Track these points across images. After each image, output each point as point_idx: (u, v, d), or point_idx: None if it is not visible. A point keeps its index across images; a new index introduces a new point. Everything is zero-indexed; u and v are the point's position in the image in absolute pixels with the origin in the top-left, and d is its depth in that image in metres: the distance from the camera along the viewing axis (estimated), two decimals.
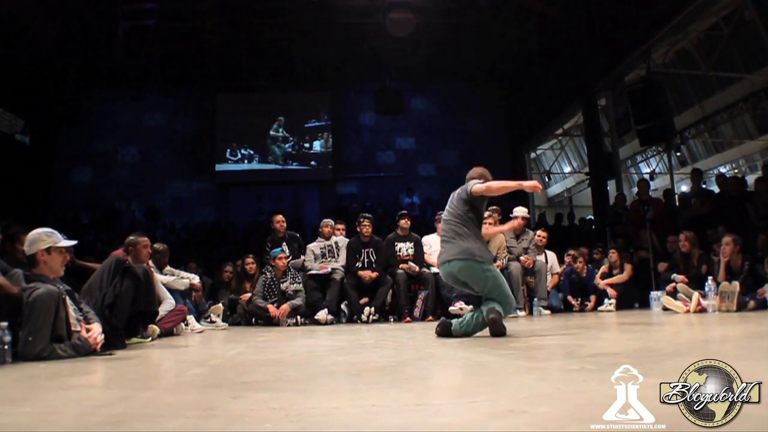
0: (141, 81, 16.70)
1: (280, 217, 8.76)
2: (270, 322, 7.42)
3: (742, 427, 1.46)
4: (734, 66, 14.89)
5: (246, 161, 18.13)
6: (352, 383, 2.58)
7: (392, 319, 7.65)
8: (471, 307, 7.35)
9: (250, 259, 8.54)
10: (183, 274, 7.28)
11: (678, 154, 19.44)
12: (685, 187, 18.34)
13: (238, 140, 18.10)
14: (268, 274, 7.71)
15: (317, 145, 18.26)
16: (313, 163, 18.24)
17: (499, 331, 4.28)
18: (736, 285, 6.61)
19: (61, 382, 2.83)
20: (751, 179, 11.42)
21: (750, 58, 14.53)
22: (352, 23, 14.78)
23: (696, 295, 6.65)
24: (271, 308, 7.41)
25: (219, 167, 18.00)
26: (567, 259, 9.10)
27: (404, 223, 8.16)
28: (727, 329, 4.66)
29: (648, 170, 21.13)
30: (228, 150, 18.07)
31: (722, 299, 6.61)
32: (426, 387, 2.56)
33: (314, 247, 8.40)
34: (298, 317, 7.46)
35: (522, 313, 7.60)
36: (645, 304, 8.08)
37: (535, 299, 7.95)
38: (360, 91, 18.26)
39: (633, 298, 8.67)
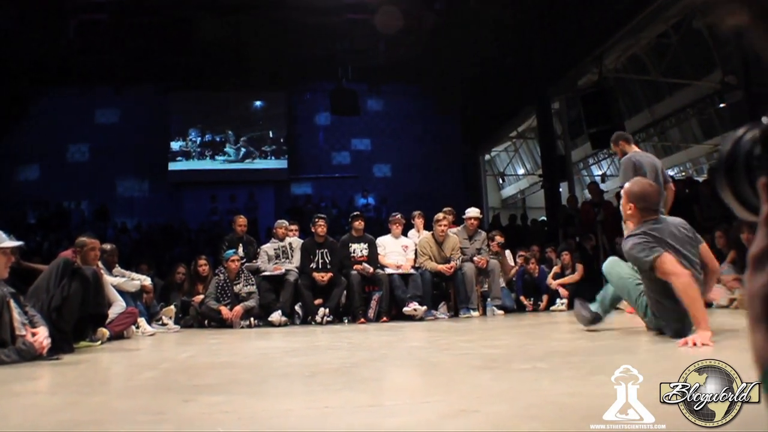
0: (92, 77, 16.33)
1: (242, 220, 8.75)
2: (223, 324, 7.33)
3: (742, 427, 1.48)
4: (682, 72, 15.31)
5: (211, 152, 17.91)
6: (305, 385, 2.56)
7: (347, 321, 7.63)
8: (425, 307, 7.42)
9: (202, 261, 8.43)
10: (134, 275, 7.15)
11: None
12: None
13: (192, 138, 17.87)
14: (221, 275, 7.62)
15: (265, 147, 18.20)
16: (267, 161, 18.11)
17: None
18: None
19: (5, 389, 2.75)
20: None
21: (697, 66, 14.97)
22: (309, 23, 14.70)
23: None
24: (224, 310, 7.32)
25: (172, 166, 17.74)
26: (519, 260, 9.25)
27: (358, 224, 8.15)
28: None
29: (599, 173, 21.58)
30: (187, 146, 17.85)
31: None
32: (380, 388, 2.56)
33: (268, 248, 8.34)
34: (252, 319, 7.39)
35: (475, 313, 7.67)
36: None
37: (489, 299, 8.03)
38: (315, 92, 18.21)
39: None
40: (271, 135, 18.25)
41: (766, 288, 0.79)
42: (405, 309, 7.35)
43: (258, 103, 18.36)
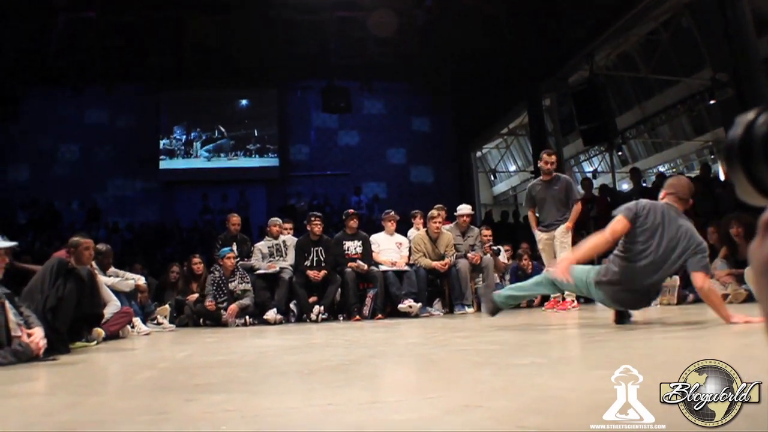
0: (81, 76, 16.24)
1: (236, 219, 8.75)
2: (218, 322, 7.33)
3: (742, 427, 1.47)
4: (672, 69, 15.37)
5: (202, 151, 17.86)
6: (305, 383, 2.56)
7: (342, 318, 7.64)
8: (420, 304, 7.43)
9: (196, 259, 8.42)
10: (128, 275, 7.12)
11: (619, 153, 19.95)
12: (626, 186, 18.85)
13: (183, 137, 17.82)
14: (216, 273, 7.60)
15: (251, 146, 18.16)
16: (258, 160, 18.07)
17: None
18: (676, 279, 6.87)
19: (3, 390, 2.73)
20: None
21: (687, 63, 15.03)
22: (299, 20, 14.68)
23: None
24: (208, 302, 7.31)
25: (163, 165, 17.66)
26: (506, 254, 9.33)
27: (353, 222, 8.17)
28: (669, 320, 4.82)
29: (591, 169, 21.64)
30: (178, 145, 17.80)
31: (663, 293, 6.85)
32: (380, 385, 2.56)
33: (262, 246, 8.33)
34: (247, 317, 7.39)
35: (470, 310, 7.70)
36: (591, 300, 8.24)
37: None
38: (307, 90, 18.16)
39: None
40: (262, 133, 18.19)
41: None
42: (400, 306, 7.36)
43: (249, 101, 18.30)
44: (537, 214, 7.44)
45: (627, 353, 3.01)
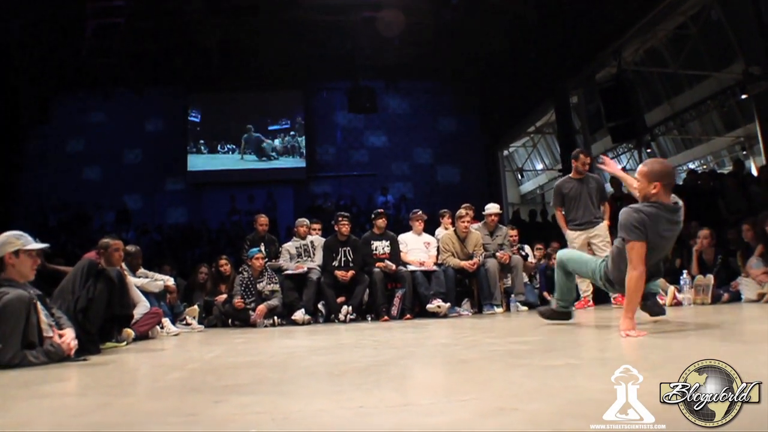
0: (111, 81, 16.44)
1: (264, 219, 8.80)
2: (247, 323, 7.35)
3: (742, 427, 1.46)
4: (702, 64, 15.11)
5: (230, 153, 17.98)
6: (335, 384, 2.53)
7: (370, 318, 7.61)
8: (448, 304, 7.37)
9: (223, 260, 8.48)
10: (157, 276, 7.18)
11: (648, 150, 19.68)
12: None
13: (211, 139, 17.97)
14: (245, 273, 7.63)
15: (278, 143, 18.21)
16: (285, 161, 18.13)
17: None
18: (710, 278, 6.73)
19: (34, 391, 2.74)
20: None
21: (717, 57, 14.76)
22: (325, 21, 14.68)
23: (672, 289, 6.72)
24: (237, 301, 7.36)
25: (191, 167, 17.81)
26: (536, 253, 9.23)
27: (381, 222, 8.14)
28: (707, 320, 4.71)
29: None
30: (206, 146, 17.95)
31: (697, 292, 6.71)
32: (411, 386, 2.52)
33: (290, 246, 8.35)
34: (275, 318, 7.40)
35: (499, 310, 7.62)
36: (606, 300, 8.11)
37: (512, 295, 7.98)
38: (332, 90, 18.18)
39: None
40: (288, 134, 18.25)
41: None
42: (428, 306, 7.31)
43: (275, 102, 18.36)
44: (564, 213, 7.33)
45: (664, 354, 2.93)
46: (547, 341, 3.81)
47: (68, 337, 3.78)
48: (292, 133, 18.25)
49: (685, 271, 6.87)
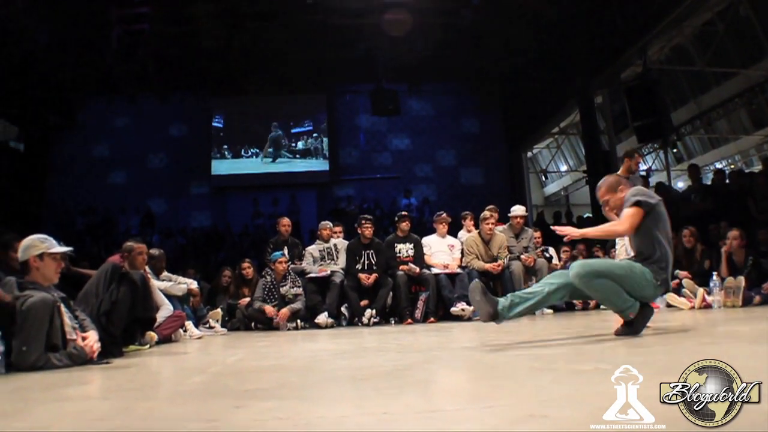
0: (135, 86, 16.57)
1: (286, 221, 8.80)
2: (270, 326, 7.34)
3: (742, 427, 1.45)
4: (730, 61, 14.86)
5: (253, 156, 18.08)
6: (358, 389, 2.48)
7: (393, 321, 7.57)
8: (473, 307, 7.29)
9: (246, 264, 8.48)
10: (180, 279, 7.20)
11: (674, 150, 19.42)
12: (681, 184, 18.31)
13: (234, 143, 18.07)
14: (268, 277, 7.63)
15: (300, 145, 18.25)
16: (308, 163, 18.16)
17: None
18: (741, 280, 6.57)
19: (57, 394, 2.74)
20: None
21: (745, 53, 14.51)
22: (347, 24, 14.67)
23: (701, 291, 6.59)
24: (268, 308, 7.35)
25: (215, 172, 17.91)
26: (563, 256, 9.10)
27: (405, 225, 8.09)
28: (737, 324, 4.59)
29: (645, 167, 21.09)
30: (229, 152, 18.05)
31: (727, 295, 6.57)
32: (437, 391, 2.46)
33: (313, 249, 8.32)
34: (298, 321, 7.39)
35: None
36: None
37: None
38: (355, 93, 18.17)
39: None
40: (311, 137, 18.29)
41: None
42: (452, 309, 7.25)
43: (298, 106, 18.41)
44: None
45: (695, 359, 2.83)
46: (574, 345, 3.73)
47: (91, 340, 3.79)
48: (315, 135, 18.29)
49: (714, 273, 6.72)
